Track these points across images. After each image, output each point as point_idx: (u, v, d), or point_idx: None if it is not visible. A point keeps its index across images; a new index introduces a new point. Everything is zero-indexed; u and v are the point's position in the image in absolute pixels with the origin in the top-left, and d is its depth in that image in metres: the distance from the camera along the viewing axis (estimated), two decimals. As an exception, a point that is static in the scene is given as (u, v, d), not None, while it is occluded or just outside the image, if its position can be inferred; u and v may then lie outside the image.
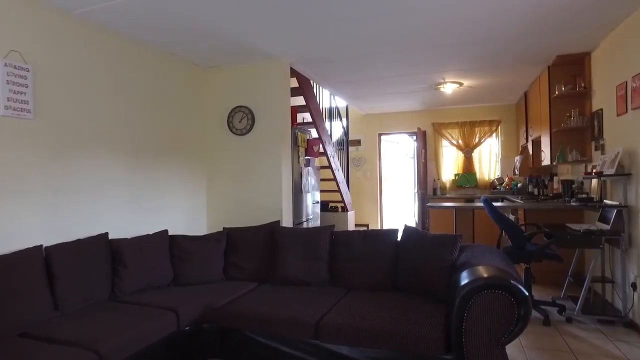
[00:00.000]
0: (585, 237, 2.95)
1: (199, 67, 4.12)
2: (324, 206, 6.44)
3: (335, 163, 5.70)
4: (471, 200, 6.36)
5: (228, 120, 4.09)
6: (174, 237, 3.23)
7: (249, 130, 4.02)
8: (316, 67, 4.28)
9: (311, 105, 4.82)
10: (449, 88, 5.12)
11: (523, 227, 3.77)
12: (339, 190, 5.85)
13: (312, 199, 4.93)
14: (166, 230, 3.25)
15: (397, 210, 10.19)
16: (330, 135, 5.86)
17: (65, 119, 2.74)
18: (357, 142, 7.46)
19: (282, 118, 4.00)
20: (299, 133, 4.34)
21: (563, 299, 3.53)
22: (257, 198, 4.00)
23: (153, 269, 2.96)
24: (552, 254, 3.13)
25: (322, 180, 5.96)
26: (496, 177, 6.59)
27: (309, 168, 4.60)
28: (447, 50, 3.74)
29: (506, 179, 6.38)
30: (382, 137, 7.53)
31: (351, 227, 6.27)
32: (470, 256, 2.40)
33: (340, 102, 6.56)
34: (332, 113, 6.02)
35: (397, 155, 10.82)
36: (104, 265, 2.75)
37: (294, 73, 4.44)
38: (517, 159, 5.81)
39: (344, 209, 6.16)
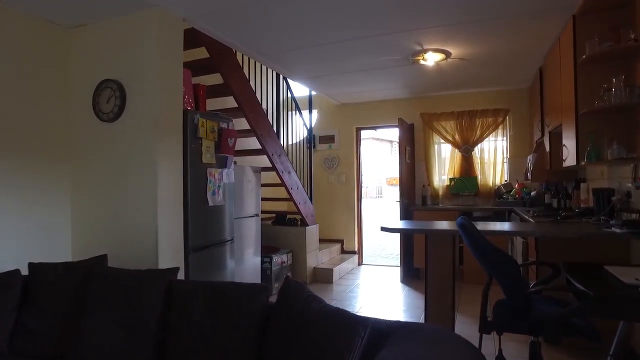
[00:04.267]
0: (647, 304, 1.52)
1: (56, 25, 2.85)
2: (281, 218, 5.13)
3: (284, 164, 4.36)
4: (469, 212, 4.90)
5: (94, 101, 2.81)
6: None
7: (118, 115, 2.72)
8: (230, 25, 2.95)
9: (234, 85, 3.50)
10: (430, 60, 3.70)
11: (533, 267, 2.33)
12: (291, 199, 4.51)
13: (233, 212, 3.59)
14: None
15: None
16: (278, 127, 4.51)
17: None
18: (330, 139, 6.09)
19: (168, 97, 2.69)
20: (204, 120, 3.01)
21: (599, 393, 2.09)
22: (126, 213, 2.70)
23: None
24: (583, 326, 1.70)
25: (264, 185, 4.62)
26: (503, 182, 5.11)
27: (225, 170, 3.27)
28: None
29: (516, 186, 4.90)
30: (362, 131, 6.15)
31: (312, 246, 4.93)
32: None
33: (304, 90, 5.22)
34: (281, 100, 4.67)
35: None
36: None
37: (201, 37, 3.13)
38: (530, 158, 4.34)
39: (304, 223, 4.83)
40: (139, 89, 2.67)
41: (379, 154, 27.43)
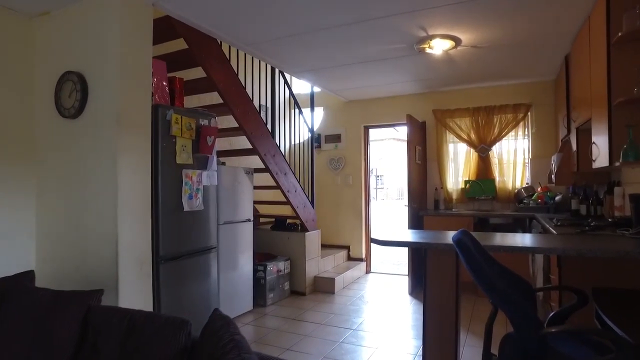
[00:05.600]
0: None
1: (17, 13, 2.62)
2: (281, 223, 4.81)
3: (280, 164, 4.03)
4: (485, 219, 4.43)
5: (56, 95, 2.56)
6: None
7: (80, 110, 2.46)
8: (204, 10, 2.64)
9: (217, 78, 3.19)
10: (438, 48, 3.29)
11: (553, 292, 1.89)
12: (288, 203, 4.18)
13: (219, 217, 3.29)
14: None
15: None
16: (273, 126, 4.19)
17: None
18: (337, 138, 5.72)
19: (133, 90, 2.41)
20: (178, 116, 2.72)
21: None
22: (86, 219, 2.43)
23: None
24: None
25: (259, 188, 4.33)
26: (523, 185, 4.61)
27: (205, 172, 2.96)
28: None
29: (538, 189, 4.39)
30: (371, 130, 5.75)
31: (313, 253, 4.59)
32: None
33: (308, 87, 4.89)
34: (279, 96, 4.34)
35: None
36: None
37: (178, 27, 2.85)
38: (555, 159, 3.85)
39: (303, 228, 4.50)
40: (101, 81, 2.40)
41: (401, 155, 26.82)
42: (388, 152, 26.74)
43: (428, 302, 2.15)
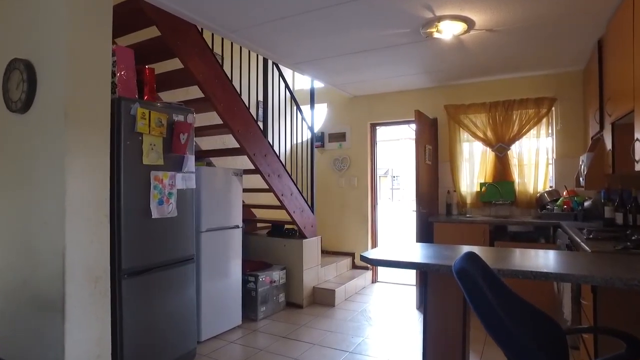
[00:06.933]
0: None
1: (-33, -5, 2.35)
2: (278, 229, 4.46)
3: (272, 165, 3.67)
4: (503, 227, 3.97)
5: (4, 87, 2.27)
6: None
7: (28, 104, 2.14)
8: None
9: (195, 68, 2.85)
10: (447, 32, 2.87)
11: (583, 317, 1.47)
12: (284, 207, 3.83)
13: (200, 224, 2.96)
14: None
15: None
16: (265, 123, 3.83)
17: None
18: (341, 137, 5.33)
19: (87, 80, 2.08)
20: (145, 111, 2.39)
21: None
22: (33, 228, 2.12)
23: None
24: None
25: (253, 191, 3.98)
26: (547, 189, 4.12)
27: (179, 174, 2.62)
28: None
29: (564, 193, 3.90)
30: (378, 128, 5.33)
31: (311, 262, 4.23)
32: None
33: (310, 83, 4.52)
34: (269, 88, 3.96)
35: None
36: None
37: (150, 13, 2.53)
38: (584, 159, 3.37)
39: (302, 234, 4.14)
40: (50, 70, 2.08)
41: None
42: (404, 152, 26.13)
43: (429, 335, 1.75)
